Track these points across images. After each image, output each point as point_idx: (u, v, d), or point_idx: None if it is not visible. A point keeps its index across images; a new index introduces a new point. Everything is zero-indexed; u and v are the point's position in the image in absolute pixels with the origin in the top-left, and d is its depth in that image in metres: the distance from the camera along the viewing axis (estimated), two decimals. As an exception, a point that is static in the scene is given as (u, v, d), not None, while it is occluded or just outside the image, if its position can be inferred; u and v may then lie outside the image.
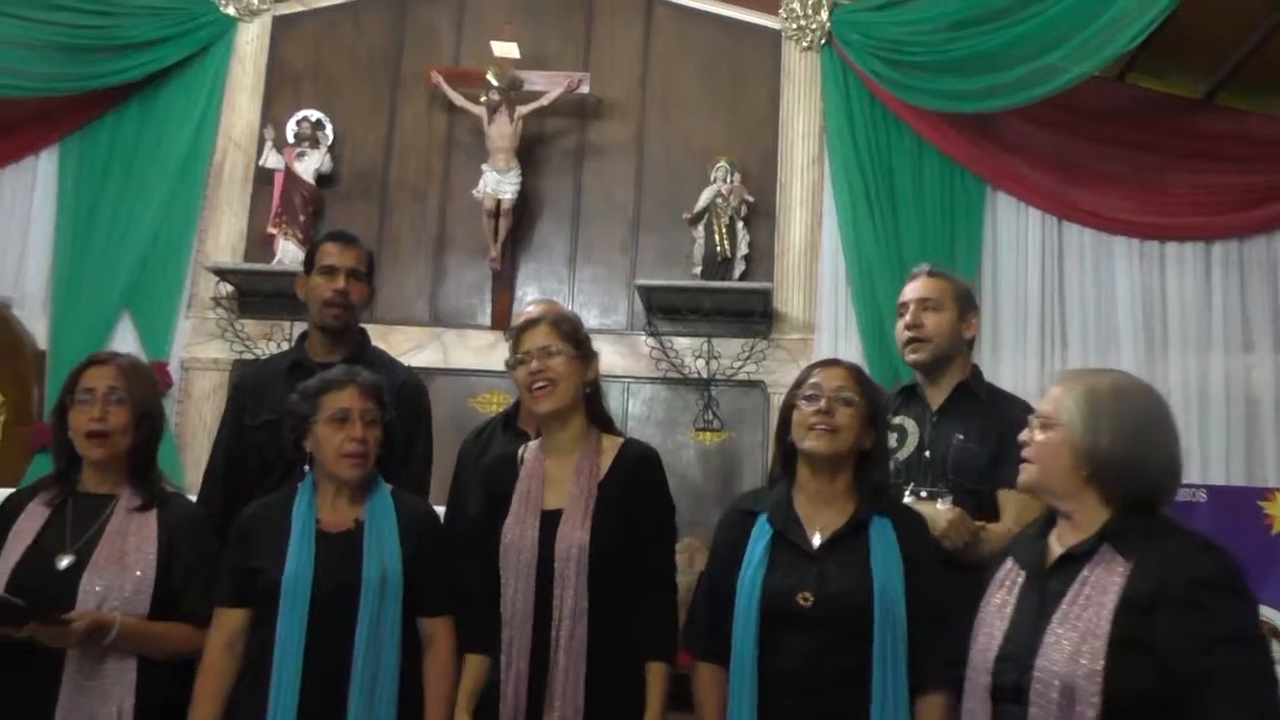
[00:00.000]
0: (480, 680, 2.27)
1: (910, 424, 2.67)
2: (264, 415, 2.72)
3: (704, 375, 4.77)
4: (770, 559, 2.15)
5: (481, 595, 2.28)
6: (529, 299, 4.92)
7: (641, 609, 2.24)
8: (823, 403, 2.18)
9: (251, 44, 5.09)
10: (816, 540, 2.17)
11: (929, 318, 2.68)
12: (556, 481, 2.30)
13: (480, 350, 4.86)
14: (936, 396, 2.69)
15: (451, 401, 4.66)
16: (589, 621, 2.18)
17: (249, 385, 2.89)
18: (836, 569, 2.12)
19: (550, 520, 2.25)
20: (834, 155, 4.81)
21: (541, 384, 2.29)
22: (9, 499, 2.39)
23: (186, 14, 4.98)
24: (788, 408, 2.26)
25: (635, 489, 2.29)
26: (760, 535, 2.18)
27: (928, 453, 2.62)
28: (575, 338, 2.35)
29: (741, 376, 4.78)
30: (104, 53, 4.87)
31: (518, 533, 2.25)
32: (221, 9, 5.04)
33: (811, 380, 2.23)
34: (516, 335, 2.37)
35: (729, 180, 4.75)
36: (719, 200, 4.73)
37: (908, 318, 2.70)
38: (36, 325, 4.91)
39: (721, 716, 2.14)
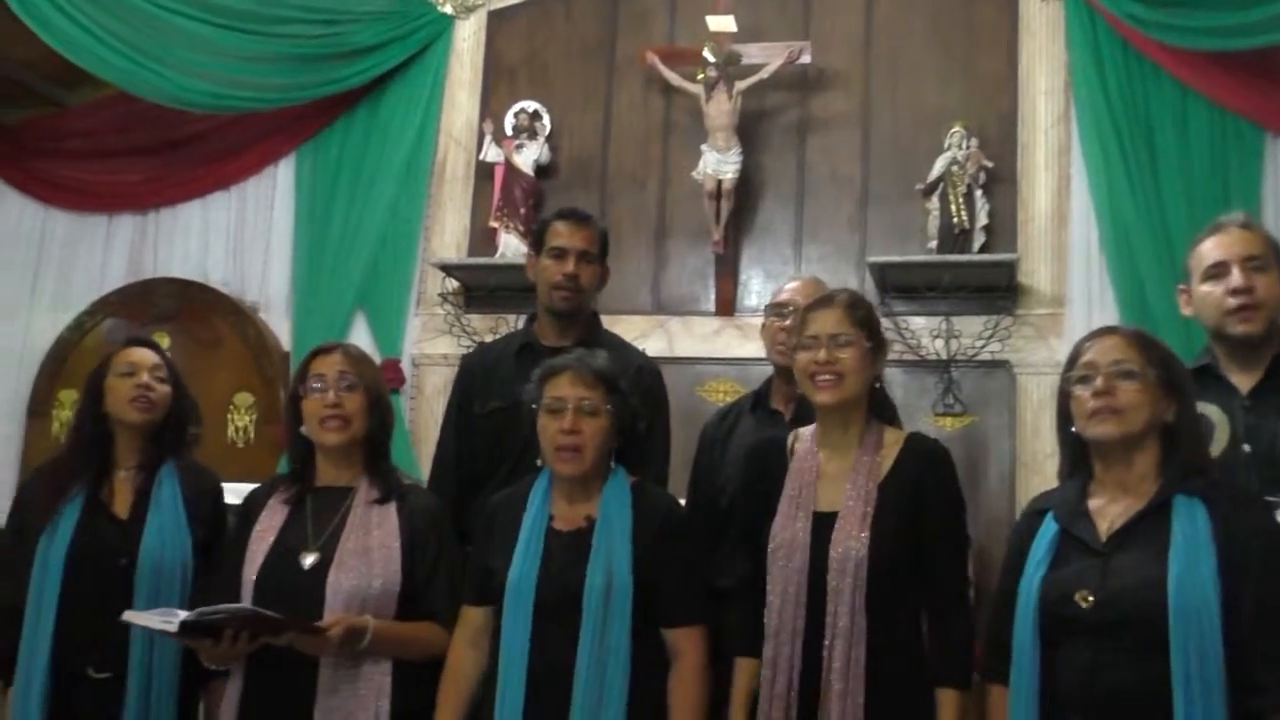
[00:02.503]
0: (753, 686, 2.07)
1: (1215, 412, 2.21)
2: (494, 403, 2.62)
3: (943, 356, 4.46)
4: (1053, 558, 1.87)
5: (745, 593, 2.10)
6: (754, 283, 4.76)
7: (931, 627, 2.01)
8: (1099, 381, 1.88)
9: (468, 40, 5.11)
10: (1106, 533, 1.86)
11: (1260, 280, 2.21)
12: (832, 479, 2.09)
13: (705, 337, 4.72)
14: (1245, 378, 2.24)
15: (677, 390, 4.46)
16: (869, 641, 1.95)
17: (475, 371, 2.78)
18: (1125, 564, 1.81)
19: (823, 523, 2.03)
20: (1082, 112, 4.39)
21: (828, 376, 2.08)
22: (250, 496, 2.40)
23: (406, 16, 5.04)
24: (1064, 396, 1.96)
25: (922, 491, 2.05)
26: (1045, 533, 1.91)
27: (1247, 446, 2.17)
28: (869, 325, 2.15)
29: (984, 356, 4.44)
30: (333, 60, 4.99)
31: (787, 536, 2.04)
32: (439, 8, 5.09)
33: (1084, 359, 1.93)
34: (803, 315, 2.17)
35: (965, 146, 4.41)
36: (954, 168, 4.40)
37: (1234, 279, 2.22)
38: (280, 327, 5.11)
39: None
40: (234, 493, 4.07)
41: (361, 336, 4.89)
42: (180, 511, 2.44)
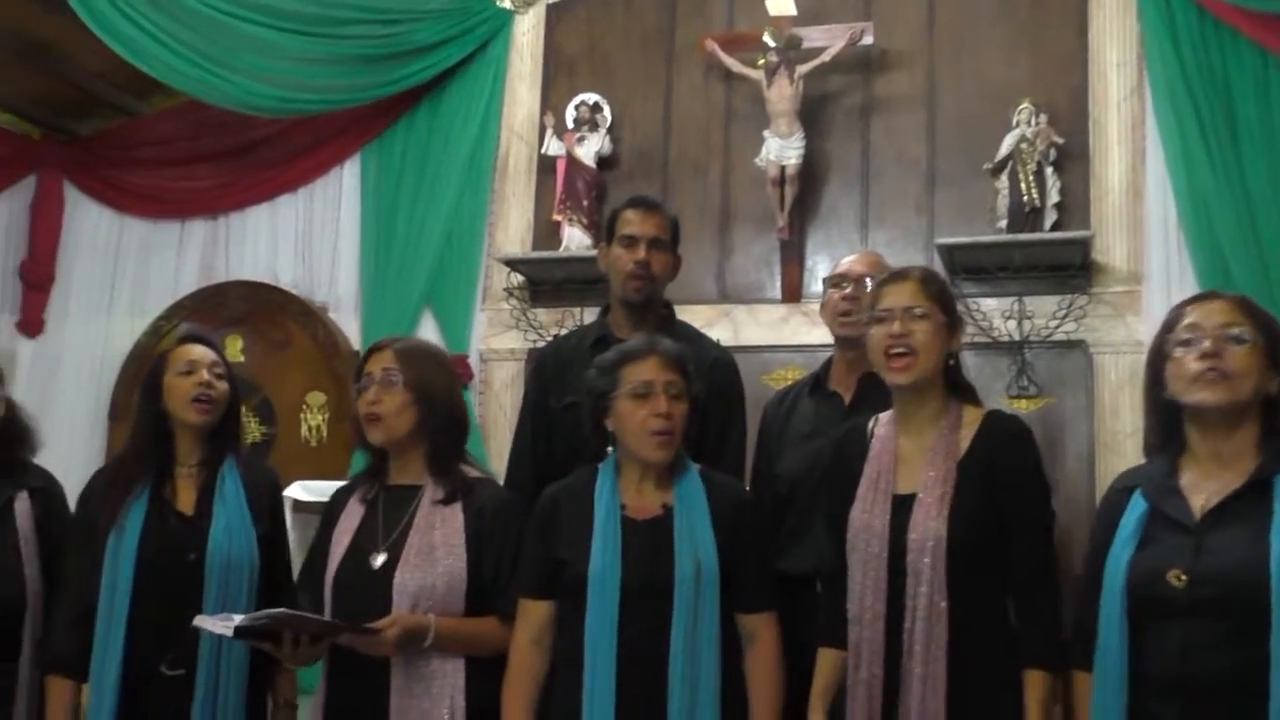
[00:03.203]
0: (835, 679, 2.04)
1: None
2: (570, 397, 2.56)
3: (1016, 337, 4.38)
4: (1142, 537, 1.80)
5: (831, 583, 2.06)
6: (820, 268, 4.70)
7: (1016, 608, 1.95)
8: (1207, 344, 1.78)
9: (527, 34, 5.12)
10: (1199, 510, 1.79)
11: None
12: (910, 461, 2.02)
13: (772, 325, 4.68)
14: None
15: (745, 379, 4.45)
16: (951, 623, 1.89)
17: (550, 365, 2.75)
18: (1221, 542, 1.73)
19: (902, 506, 1.97)
20: (1156, 83, 4.28)
21: (901, 350, 2.02)
22: (333, 497, 2.42)
23: (466, 12, 5.06)
24: (1158, 359, 1.87)
25: (1000, 470, 1.98)
26: (1132, 511, 1.83)
27: None
28: (944, 300, 2.08)
29: (1059, 337, 4.35)
30: (395, 59, 5.03)
31: (865, 520, 1.99)
32: (497, 3, 5.10)
33: (1186, 321, 1.83)
34: (876, 290, 2.11)
35: (1033, 123, 4.33)
36: (1023, 146, 4.32)
37: None
38: (350, 326, 5.17)
39: None
40: (311, 490, 4.17)
41: (429, 333, 4.94)
42: (244, 507, 2.44)
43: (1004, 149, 4.35)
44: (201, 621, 2.14)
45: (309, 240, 5.34)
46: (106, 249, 5.63)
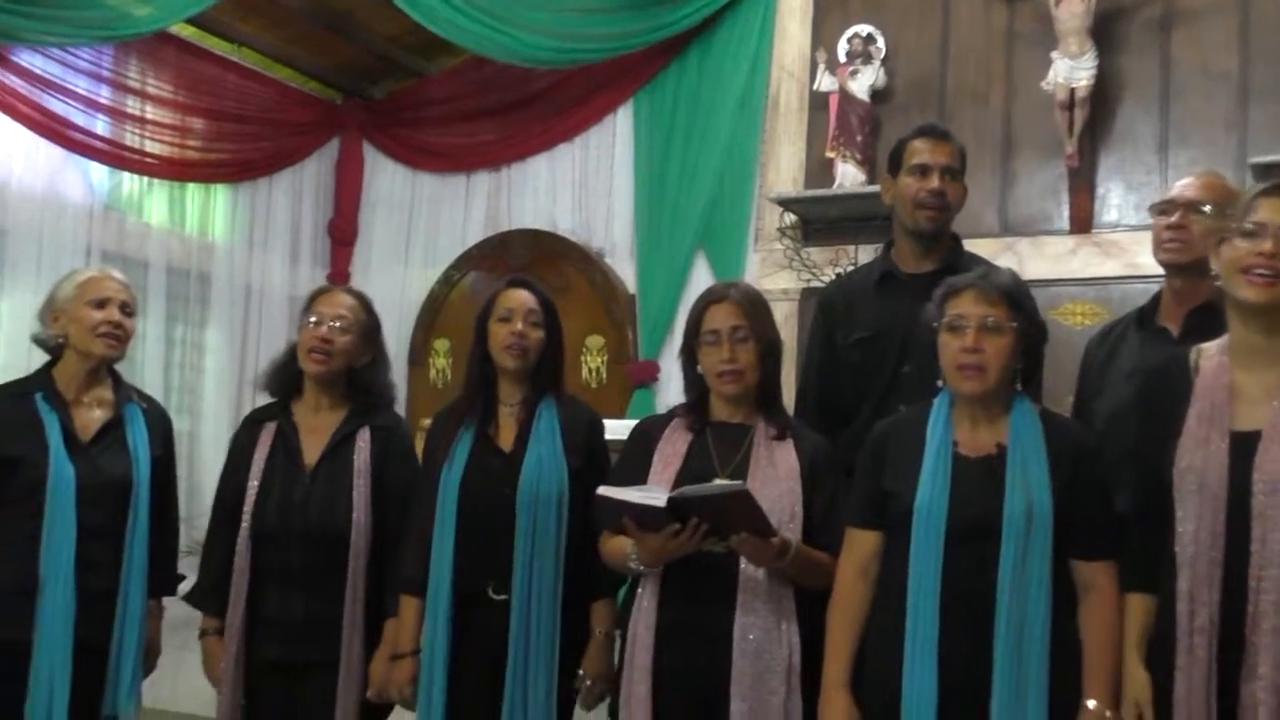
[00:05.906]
0: (1149, 626, 1.96)
1: None
2: (858, 333, 2.62)
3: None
4: None
5: (1142, 524, 1.97)
6: (1113, 196, 4.42)
7: None
8: None
9: (797, -31, 5.03)
10: None
11: None
12: (1249, 397, 1.88)
13: (1059, 258, 4.43)
14: None
15: None
16: None
17: (837, 303, 2.78)
18: None
19: (1243, 444, 1.84)
20: None
21: (1265, 271, 1.85)
22: (645, 422, 2.56)
23: (734, -48, 5.03)
24: None
25: None
26: None
27: None
28: None
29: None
30: (665, 4, 5.06)
31: (1200, 457, 1.86)
32: (766, -59, 5.03)
33: None
34: (1252, 200, 1.93)
35: (1371, 21, 3.86)
36: (1359, 48, 3.86)
37: None
38: (625, 271, 5.31)
39: None
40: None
41: (702, 275, 5.00)
42: (558, 444, 2.58)
43: (1334, 54, 3.92)
44: (610, 492, 2.26)
45: (585, 187, 5.51)
46: (401, 204, 6.02)
